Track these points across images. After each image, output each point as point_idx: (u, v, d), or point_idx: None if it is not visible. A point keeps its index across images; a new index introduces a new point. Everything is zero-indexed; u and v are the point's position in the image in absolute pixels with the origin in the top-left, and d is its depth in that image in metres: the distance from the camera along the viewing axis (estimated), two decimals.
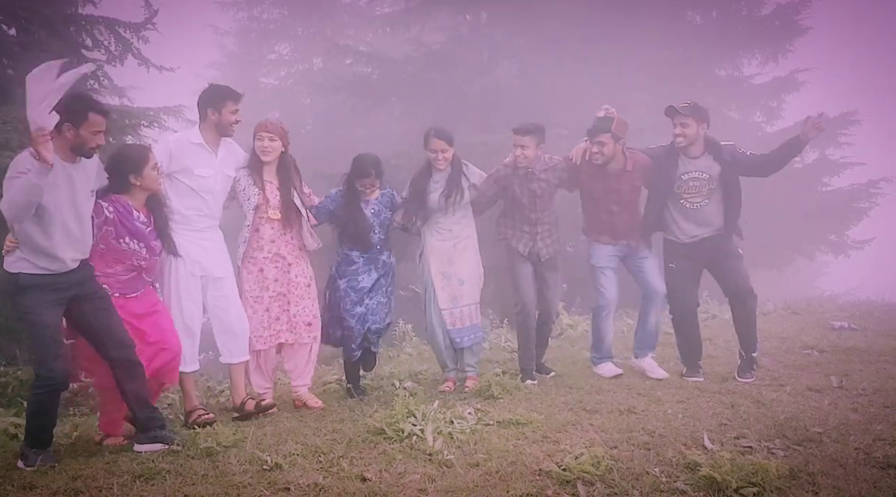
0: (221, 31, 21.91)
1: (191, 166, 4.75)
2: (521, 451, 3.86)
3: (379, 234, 5.32)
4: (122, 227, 4.28)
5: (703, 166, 5.47)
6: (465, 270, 5.52)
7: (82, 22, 9.79)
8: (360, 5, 20.18)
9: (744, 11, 14.24)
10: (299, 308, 5.10)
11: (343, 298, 5.25)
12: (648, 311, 5.79)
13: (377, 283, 5.32)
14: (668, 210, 5.60)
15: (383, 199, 5.38)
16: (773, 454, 3.76)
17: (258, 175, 5.03)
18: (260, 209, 5.02)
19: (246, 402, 4.90)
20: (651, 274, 5.71)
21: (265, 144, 5.00)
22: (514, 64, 14.05)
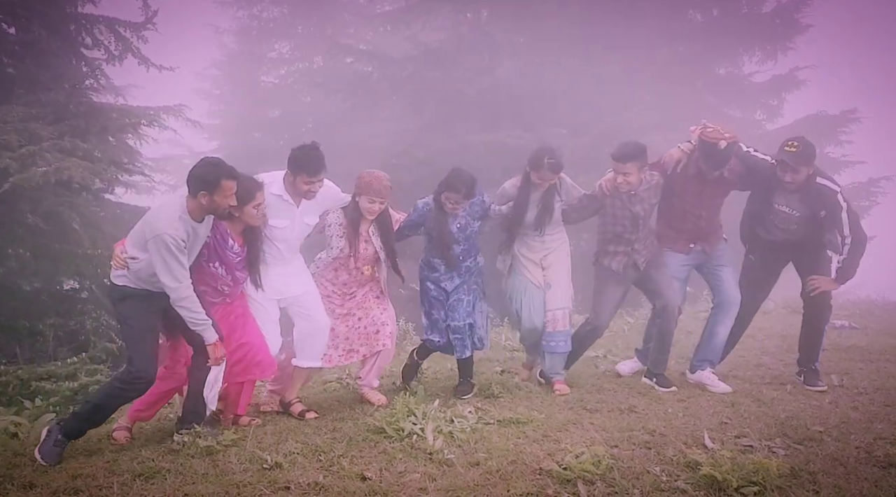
0: (222, 29, 21.89)
1: (268, 215, 4.61)
2: (522, 449, 3.86)
3: (463, 245, 5.17)
4: (215, 253, 4.42)
5: (795, 204, 5.16)
6: (552, 275, 5.34)
7: (82, 21, 9.80)
8: (361, 4, 20.19)
9: (744, 9, 14.25)
10: (368, 319, 5.07)
11: (437, 299, 5.22)
12: (717, 322, 5.45)
13: (462, 283, 5.21)
14: (764, 216, 5.37)
15: (472, 210, 5.15)
16: (773, 453, 3.76)
17: (353, 229, 4.94)
18: (343, 258, 4.99)
19: (293, 403, 4.92)
20: (727, 282, 5.43)
21: (374, 208, 4.87)
22: (515, 63, 14.05)
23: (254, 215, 4.41)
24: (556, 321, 5.30)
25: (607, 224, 5.36)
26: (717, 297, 5.50)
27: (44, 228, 8.47)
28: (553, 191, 5.21)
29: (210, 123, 20.82)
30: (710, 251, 5.45)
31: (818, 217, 5.17)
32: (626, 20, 13.06)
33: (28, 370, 6.69)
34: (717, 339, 5.44)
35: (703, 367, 5.43)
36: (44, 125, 8.22)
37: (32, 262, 8.57)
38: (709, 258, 5.47)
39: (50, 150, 7.88)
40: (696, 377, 5.42)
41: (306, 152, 4.60)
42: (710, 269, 5.51)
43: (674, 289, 5.38)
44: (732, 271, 5.49)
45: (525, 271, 5.35)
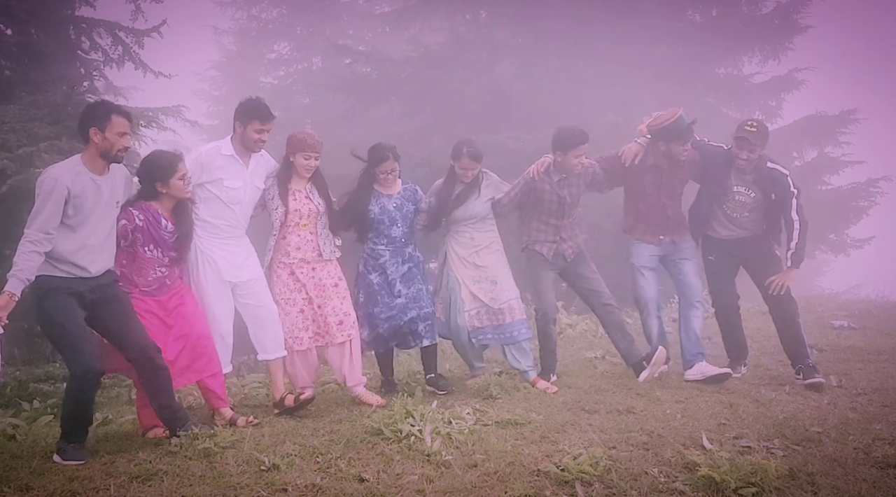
0: (220, 30, 21.91)
1: (221, 177, 4.75)
2: (520, 451, 3.85)
3: (402, 227, 5.29)
4: (149, 235, 4.37)
5: (752, 184, 5.43)
6: (494, 271, 5.44)
7: (81, 24, 9.80)
8: (360, 4, 20.21)
9: (744, 9, 14.23)
10: (328, 309, 5.08)
11: (378, 292, 5.23)
12: (688, 316, 5.65)
13: (410, 272, 5.30)
14: (711, 210, 5.61)
15: (406, 193, 5.36)
16: (772, 454, 3.76)
17: (285, 186, 5.02)
18: (287, 219, 5.01)
19: (285, 397, 4.91)
20: (689, 275, 5.65)
21: (311, 164, 4.98)
22: (514, 64, 14.04)
23: (181, 187, 4.40)
24: (513, 311, 5.42)
25: (534, 210, 5.50)
26: (680, 288, 5.72)
27: None
28: (475, 184, 5.40)
29: (209, 124, 20.81)
30: (679, 242, 5.66)
31: (769, 200, 5.41)
32: (625, 20, 13.04)
33: (26, 372, 6.68)
34: (694, 332, 5.60)
35: (700, 359, 5.54)
36: (42, 125, 8.22)
37: None
38: (675, 250, 5.67)
39: (48, 151, 7.87)
40: (694, 372, 5.49)
41: (254, 101, 4.87)
42: (673, 261, 5.72)
43: (603, 283, 5.59)
44: (694, 264, 5.70)
45: (455, 266, 5.47)
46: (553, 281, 5.68)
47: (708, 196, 5.61)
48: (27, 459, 4.06)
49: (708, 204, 5.61)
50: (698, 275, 5.70)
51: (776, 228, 5.61)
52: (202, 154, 4.84)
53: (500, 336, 5.44)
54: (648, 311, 5.71)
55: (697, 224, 5.72)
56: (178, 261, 4.54)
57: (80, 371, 3.95)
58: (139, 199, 4.40)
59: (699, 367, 5.49)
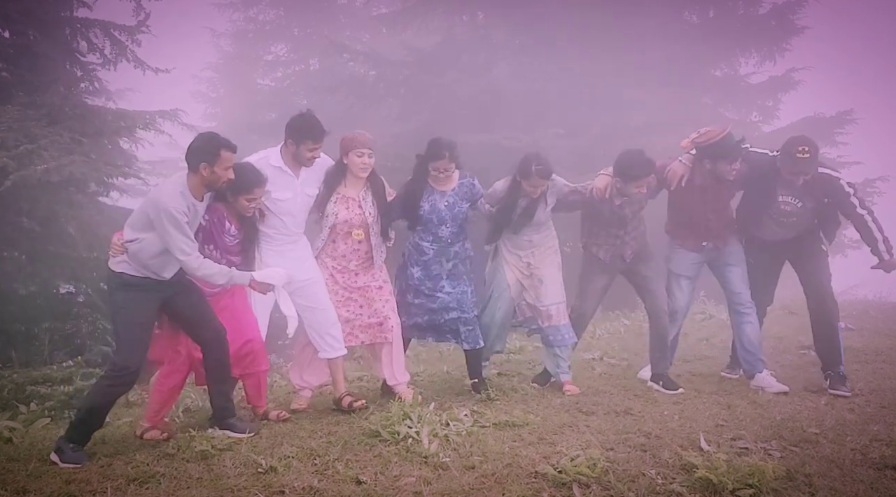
0: (218, 32, 21.90)
1: (269, 189, 4.67)
2: (517, 453, 3.85)
3: (451, 227, 5.12)
4: (210, 236, 4.48)
5: (799, 194, 5.16)
6: (543, 271, 5.32)
7: (77, 25, 9.78)
8: (357, 6, 20.18)
9: (740, 10, 14.25)
10: (371, 310, 5.06)
11: (419, 286, 5.16)
12: (741, 322, 5.45)
13: (455, 269, 5.17)
14: (757, 215, 5.38)
15: (461, 190, 5.15)
16: (769, 455, 3.75)
17: (331, 192, 4.93)
18: (338, 226, 4.96)
19: (343, 397, 4.94)
20: (735, 283, 5.44)
21: (366, 161, 4.88)
22: (511, 64, 14.05)
23: (246, 207, 4.47)
24: (552, 316, 5.30)
25: (595, 221, 5.40)
26: (727, 295, 5.52)
27: (39, 232, 8.43)
28: (541, 198, 5.19)
29: (206, 126, 20.80)
30: (723, 247, 5.45)
31: (821, 206, 5.16)
32: (622, 21, 13.05)
33: (23, 374, 6.65)
34: (748, 339, 5.41)
35: (760, 368, 5.39)
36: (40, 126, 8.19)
37: (28, 266, 8.52)
38: (719, 255, 5.47)
39: (48, 147, 7.85)
40: (756, 381, 5.36)
41: (307, 119, 4.73)
42: (718, 267, 5.53)
43: (662, 286, 5.46)
44: (741, 270, 5.45)
45: (507, 267, 5.35)
46: (602, 288, 5.54)
47: (753, 202, 5.38)
48: (24, 462, 4.04)
49: (754, 209, 5.39)
50: (745, 281, 5.46)
51: (832, 223, 5.36)
52: (252, 165, 4.77)
53: (553, 337, 5.34)
54: (675, 320, 5.59)
55: (744, 226, 5.49)
56: (244, 265, 4.62)
57: (123, 365, 4.05)
58: (213, 199, 4.48)
59: (760, 377, 5.36)
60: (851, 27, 38.86)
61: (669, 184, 5.36)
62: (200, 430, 4.28)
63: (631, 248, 5.40)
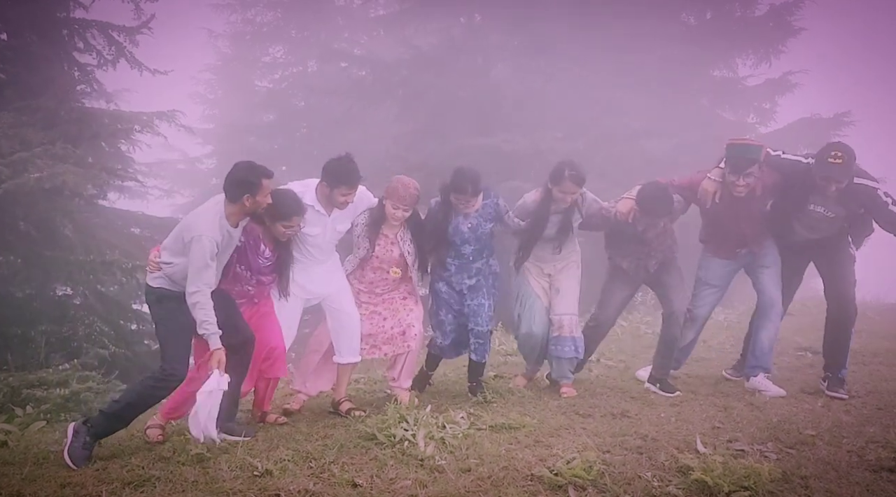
0: (215, 34, 21.85)
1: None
2: (514, 455, 3.84)
3: (474, 246, 5.15)
4: (244, 256, 4.55)
5: (832, 205, 5.00)
6: (561, 282, 5.34)
7: (74, 26, 9.78)
8: (354, 8, 20.18)
9: (737, 12, 14.27)
10: (395, 320, 5.11)
11: (447, 301, 5.24)
12: (759, 327, 5.39)
13: (476, 284, 5.21)
14: (787, 220, 5.26)
15: (485, 211, 5.14)
16: (765, 457, 3.75)
17: (376, 231, 4.98)
18: (371, 261, 5.03)
19: (342, 402, 5.02)
20: (767, 285, 5.34)
21: (398, 214, 4.88)
22: (509, 66, 14.05)
23: (282, 233, 4.54)
24: (563, 326, 5.29)
25: (617, 237, 5.40)
26: (758, 299, 5.44)
27: (35, 235, 8.44)
28: (574, 208, 5.18)
29: (204, 128, 20.80)
30: (758, 251, 5.38)
31: (856, 216, 5.07)
32: (620, 23, 13.06)
33: (19, 377, 6.64)
34: (763, 344, 5.36)
35: (756, 373, 5.36)
36: (35, 131, 8.20)
37: (24, 269, 8.53)
38: (753, 259, 5.41)
39: (42, 156, 7.86)
40: (752, 384, 5.36)
41: (344, 165, 4.69)
42: (752, 269, 5.46)
43: (682, 293, 5.39)
44: (774, 272, 5.37)
45: (531, 278, 5.38)
46: (624, 298, 5.53)
47: (784, 208, 5.24)
48: (19, 466, 4.03)
49: (784, 215, 5.25)
50: (777, 284, 5.36)
51: (864, 230, 5.25)
52: None
53: (553, 347, 5.35)
54: (693, 326, 5.55)
55: (772, 229, 5.39)
56: (279, 284, 4.72)
57: (170, 372, 4.14)
58: (251, 219, 4.50)
59: (755, 380, 5.34)
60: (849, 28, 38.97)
61: (704, 203, 5.25)
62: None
63: (656, 260, 5.37)
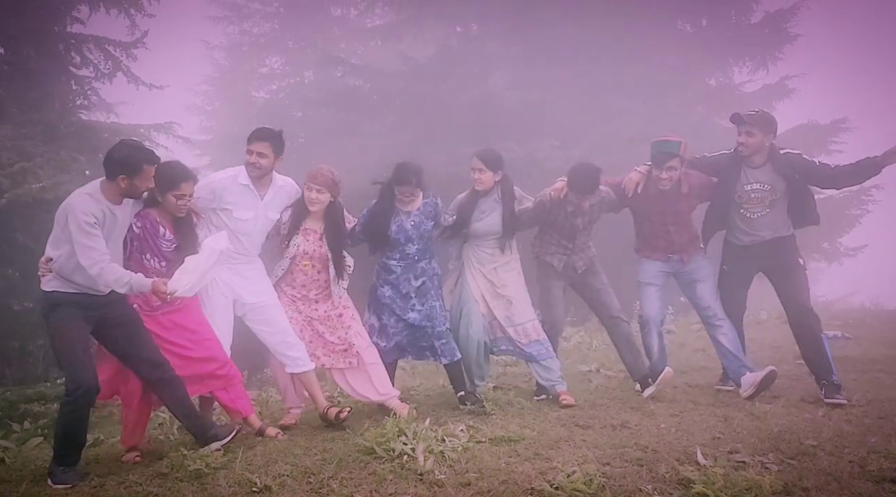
0: (212, 45, 21.90)
1: (231, 207, 4.76)
2: (513, 469, 3.81)
3: (417, 244, 5.23)
4: (146, 244, 4.38)
5: (765, 178, 5.27)
6: (510, 290, 5.40)
7: (71, 40, 9.80)
8: (351, 18, 20.24)
9: (733, 20, 14.33)
10: (334, 337, 5.11)
11: (390, 305, 5.24)
12: (715, 335, 5.54)
13: (423, 286, 5.25)
14: (728, 215, 5.44)
15: (426, 210, 5.27)
16: (766, 469, 3.72)
17: (298, 223, 5.01)
18: (298, 257, 5.03)
19: (327, 410, 4.95)
20: (704, 298, 5.52)
21: (312, 196, 4.94)
22: (505, 75, 14.09)
23: (175, 205, 4.38)
24: (528, 333, 5.38)
25: (547, 230, 5.53)
26: (698, 310, 5.64)
27: (33, 247, 8.40)
28: (509, 197, 5.33)
29: (202, 139, 20.79)
30: (688, 261, 5.56)
31: (792, 183, 5.24)
32: (616, 31, 13.11)
33: (17, 392, 6.63)
34: (727, 348, 5.46)
35: (743, 372, 5.43)
36: (35, 144, 8.20)
37: (22, 282, 8.52)
38: (685, 270, 5.59)
39: (43, 166, 7.86)
40: (745, 385, 5.38)
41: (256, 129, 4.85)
42: (686, 281, 5.64)
43: (613, 296, 5.58)
44: (710, 285, 5.57)
45: (471, 280, 5.43)
46: (562, 292, 5.65)
47: (721, 205, 5.43)
48: (16, 483, 4.01)
49: (723, 212, 5.44)
50: (714, 295, 5.55)
51: (807, 217, 5.38)
52: (215, 181, 4.84)
53: (520, 352, 5.42)
54: (649, 328, 5.66)
55: (708, 230, 5.57)
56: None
57: (75, 385, 3.95)
58: (144, 206, 4.40)
59: (745, 379, 5.38)
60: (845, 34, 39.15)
61: (627, 191, 5.46)
62: (194, 449, 4.24)
63: (582, 261, 5.54)
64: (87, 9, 9.93)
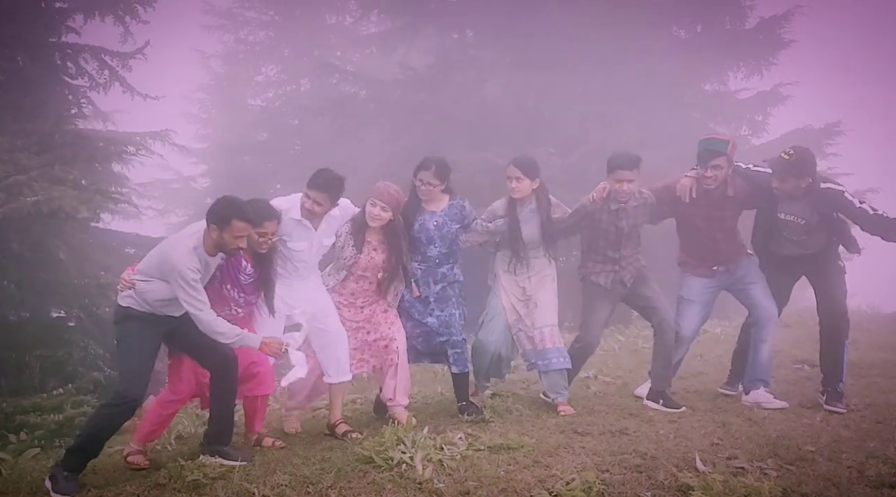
0: (208, 54, 21.93)
1: (285, 238, 4.77)
2: (512, 477, 3.81)
3: (439, 247, 5.18)
4: (227, 276, 4.53)
5: (800, 212, 5.12)
6: (538, 295, 5.32)
7: (66, 50, 9.81)
8: (347, 26, 20.28)
9: (728, 26, 14.39)
10: (377, 334, 5.11)
11: (409, 309, 5.22)
12: (759, 340, 5.40)
13: (443, 292, 5.22)
14: (769, 233, 5.36)
15: (451, 211, 5.21)
16: (765, 475, 3.72)
17: (360, 236, 5.00)
18: (353, 269, 5.02)
19: (339, 424, 4.98)
20: (759, 299, 5.38)
21: (376, 212, 4.91)
22: (501, 82, 14.12)
23: (257, 242, 4.45)
24: (545, 338, 5.27)
25: (591, 238, 5.39)
26: (753, 315, 5.45)
27: (29, 258, 8.40)
28: (546, 205, 5.25)
29: (198, 147, 20.79)
30: (735, 270, 5.42)
31: (831, 220, 5.15)
32: (611, 37, 13.15)
33: (13, 403, 6.60)
34: (763, 357, 5.38)
35: (757, 386, 5.36)
36: (30, 155, 8.19)
37: (18, 293, 8.50)
38: (734, 278, 5.44)
39: (38, 179, 7.85)
40: (751, 398, 5.35)
41: (318, 172, 4.82)
42: (738, 288, 5.48)
43: (666, 302, 5.41)
44: (763, 286, 5.40)
45: (502, 291, 5.38)
46: (606, 315, 5.48)
47: (761, 220, 5.38)
48: (12, 495, 3.99)
49: (764, 228, 5.37)
50: (768, 295, 5.39)
51: (846, 233, 5.34)
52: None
53: (538, 362, 5.30)
54: (681, 344, 5.52)
55: (759, 241, 5.47)
56: (265, 300, 4.69)
57: (125, 393, 4.08)
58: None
59: (755, 394, 5.34)
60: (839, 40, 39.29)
61: (682, 196, 5.28)
62: (192, 459, 4.23)
63: (630, 273, 5.38)
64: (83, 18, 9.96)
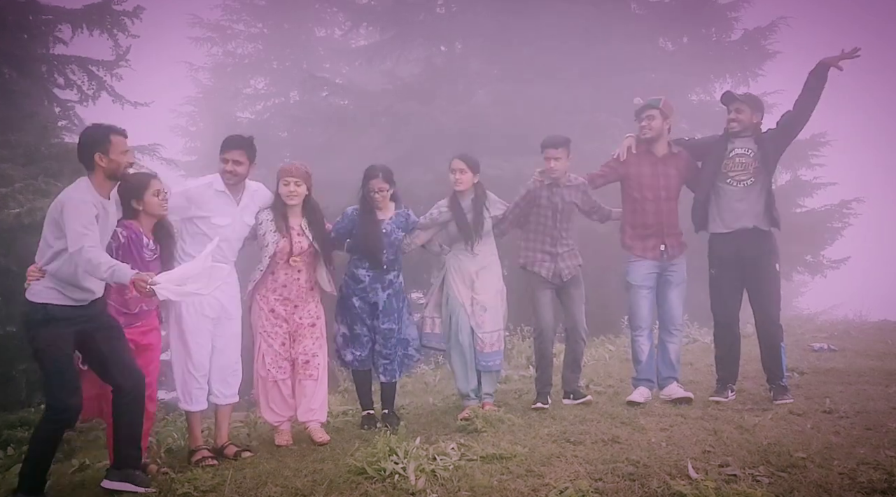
0: (196, 66, 21.93)
1: (209, 214, 4.77)
2: (505, 486, 3.80)
3: (388, 253, 5.37)
4: (129, 253, 4.38)
5: (748, 144, 5.62)
6: (486, 297, 5.55)
7: (54, 62, 9.78)
8: (336, 38, 20.36)
9: (713, 37, 14.53)
10: (299, 348, 5.13)
11: (360, 315, 5.34)
12: (667, 340, 5.82)
13: (388, 303, 5.37)
14: (712, 201, 5.63)
15: (397, 220, 5.44)
16: (757, 482, 3.73)
17: (282, 220, 5.02)
18: (278, 254, 5.02)
19: (227, 446, 4.89)
20: (674, 301, 5.77)
21: (290, 189, 5.00)
22: (490, 93, 14.18)
23: (156, 203, 4.43)
24: (493, 343, 5.55)
25: (533, 219, 5.66)
26: (661, 314, 5.84)
27: (16, 272, 8.32)
28: (482, 201, 5.57)
29: (186, 160, 20.74)
30: (672, 257, 5.72)
31: (763, 146, 5.60)
32: (599, 48, 13.25)
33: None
34: (670, 358, 5.79)
35: (670, 382, 5.76)
36: (15, 167, 8.15)
37: (3, 307, 8.42)
38: (668, 266, 5.73)
39: (23, 191, 7.81)
40: (667, 391, 5.73)
41: (223, 140, 4.98)
42: (661, 285, 5.78)
43: (583, 310, 5.76)
44: (680, 292, 5.80)
45: (455, 287, 5.55)
46: (551, 300, 5.75)
47: (708, 179, 5.65)
48: None
49: (708, 185, 5.64)
50: (682, 304, 5.81)
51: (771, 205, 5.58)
52: (192, 189, 4.89)
53: (481, 362, 5.56)
54: (641, 330, 5.77)
55: (698, 216, 5.73)
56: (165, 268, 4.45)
57: (63, 404, 3.89)
58: (123, 218, 4.42)
59: (669, 388, 5.73)
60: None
61: (621, 155, 5.78)
62: (181, 472, 4.20)
63: (568, 269, 5.69)
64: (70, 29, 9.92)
